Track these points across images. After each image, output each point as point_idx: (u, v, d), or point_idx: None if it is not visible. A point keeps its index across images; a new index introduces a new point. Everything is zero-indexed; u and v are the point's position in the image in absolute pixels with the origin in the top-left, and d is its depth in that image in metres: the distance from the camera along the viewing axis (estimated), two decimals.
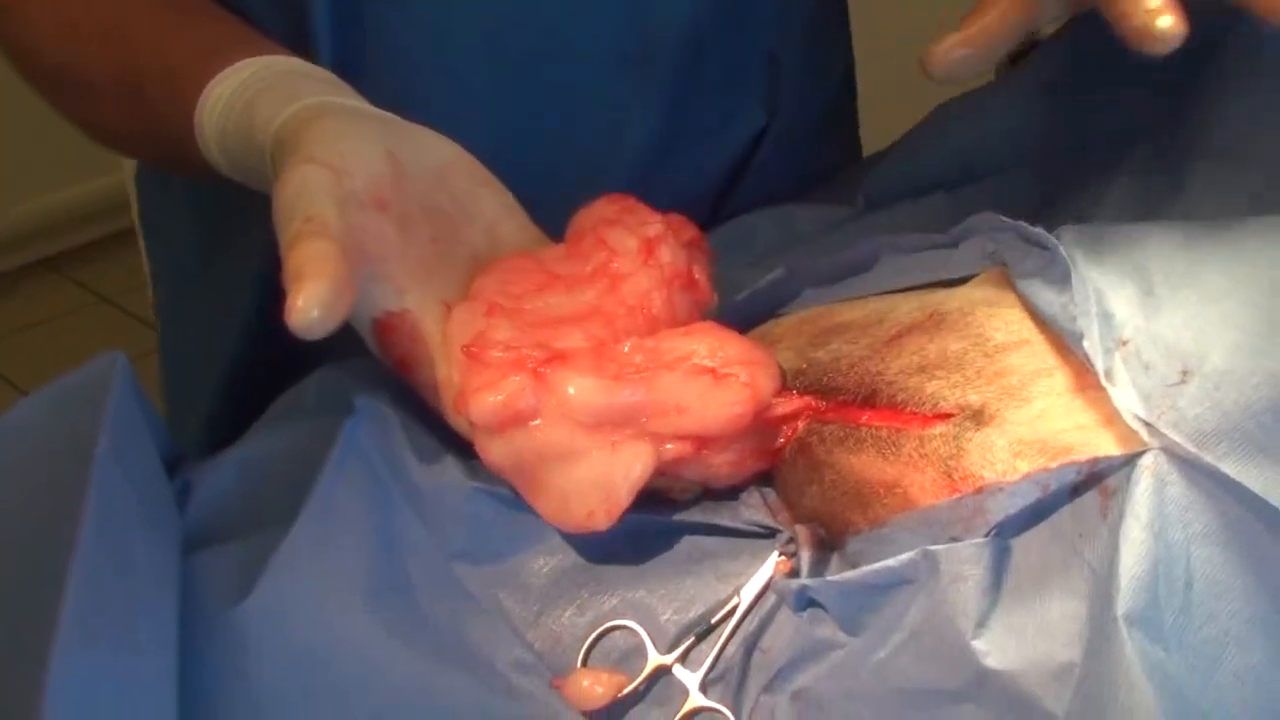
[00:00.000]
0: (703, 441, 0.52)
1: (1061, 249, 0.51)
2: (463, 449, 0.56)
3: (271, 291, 0.53)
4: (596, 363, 0.52)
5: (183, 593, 0.51)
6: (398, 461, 0.56)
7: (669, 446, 0.52)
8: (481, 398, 0.52)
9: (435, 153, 0.59)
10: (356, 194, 0.54)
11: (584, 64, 0.75)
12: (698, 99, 0.80)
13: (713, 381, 0.52)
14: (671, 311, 0.57)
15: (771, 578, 0.52)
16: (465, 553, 0.55)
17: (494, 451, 0.53)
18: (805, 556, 0.51)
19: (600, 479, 0.51)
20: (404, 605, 0.54)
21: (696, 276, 0.59)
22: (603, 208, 0.61)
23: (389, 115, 0.60)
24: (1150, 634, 0.42)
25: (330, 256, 0.49)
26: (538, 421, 0.52)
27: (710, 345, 0.54)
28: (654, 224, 0.59)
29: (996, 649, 0.45)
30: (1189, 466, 0.43)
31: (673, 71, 0.78)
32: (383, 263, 0.55)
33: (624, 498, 0.51)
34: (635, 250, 0.58)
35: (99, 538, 0.46)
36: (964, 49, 0.57)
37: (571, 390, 0.52)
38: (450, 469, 0.56)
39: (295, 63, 0.62)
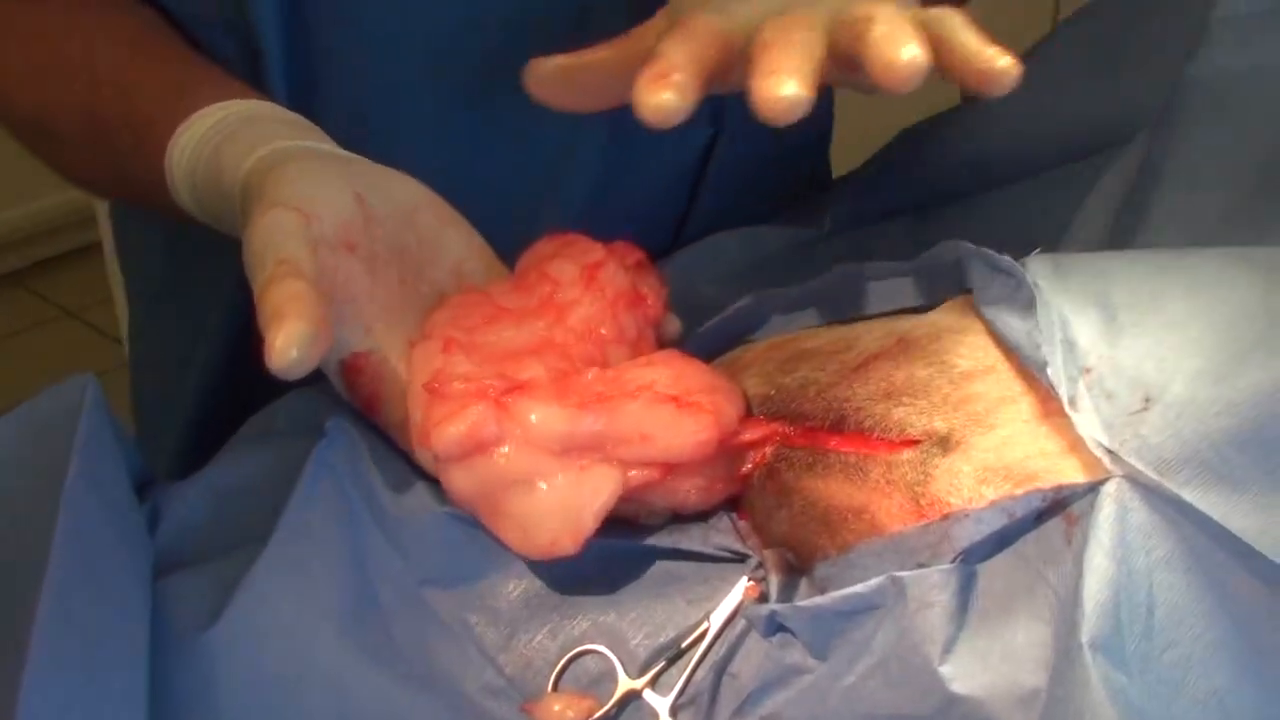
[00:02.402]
0: (669, 468, 0.53)
1: (1027, 276, 0.51)
2: (433, 475, 0.56)
3: (243, 315, 0.53)
4: (559, 391, 0.52)
5: (153, 617, 0.51)
6: (368, 485, 0.56)
7: (635, 473, 0.52)
8: (444, 429, 0.51)
9: (402, 193, 0.59)
10: (326, 237, 0.54)
11: None
12: None
13: (676, 409, 0.52)
14: (619, 332, 0.57)
15: (741, 603, 0.52)
16: (436, 577, 0.55)
17: (457, 480, 0.52)
18: (774, 581, 0.52)
19: (564, 504, 0.51)
20: (374, 630, 0.54)
21: (643, 293, 0.60)
22: (544, 245, 0.61)
23: (355, 157, 0.60)
24: (1114, 660, 0.42)
25: (307, 297, 0.49)
26: (502, 449, 0.51)
27: (672, 374, 0.54)
28: (594, 251, 0.59)
29: (963, 674, 0.45)
30: (1151, 494, 0.44)
31: None
32: (351, 304, 0.55)
33: (589, 523, 0.51)
34: (577, 278, 0.58)
35: (70, 563, 0.46)
36: (559, 70, 0.60)
37: (534, 418, 0.51)
38: (421, 493, 0.56)
39: (260, 106, 0.62)
